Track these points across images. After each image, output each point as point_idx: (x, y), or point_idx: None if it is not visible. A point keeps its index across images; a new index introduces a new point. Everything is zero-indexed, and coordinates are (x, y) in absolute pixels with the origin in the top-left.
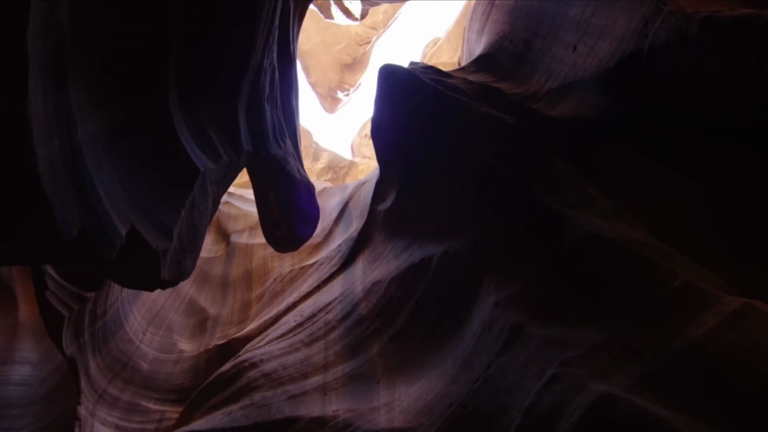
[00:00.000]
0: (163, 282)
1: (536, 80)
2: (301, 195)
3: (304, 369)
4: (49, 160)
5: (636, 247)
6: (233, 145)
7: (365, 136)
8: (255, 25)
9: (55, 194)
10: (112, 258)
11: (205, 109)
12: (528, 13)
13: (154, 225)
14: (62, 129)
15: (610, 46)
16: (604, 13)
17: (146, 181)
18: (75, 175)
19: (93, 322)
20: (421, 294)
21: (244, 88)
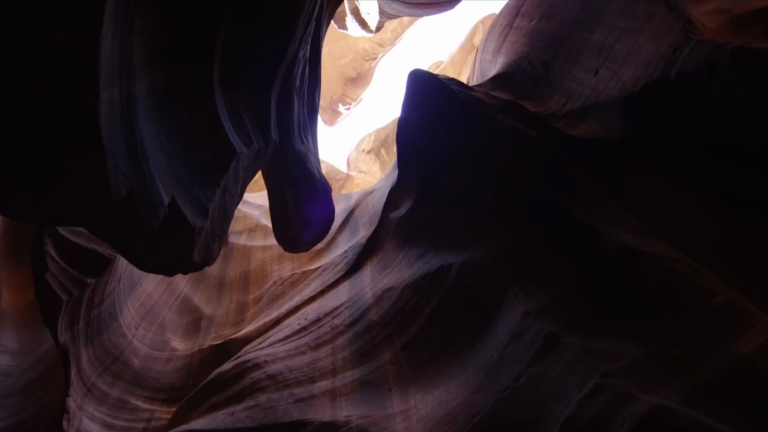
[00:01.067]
0: (193, 265)
1: (555, 101)
2: (319, 194)
3: (311, 372)
4: (108, 107)
5: (673, 263)
6: (263, 133)
7: (362, 151)
8: (299, 11)
9: (110, 146)
10: (155, 227)
11: (241, 90)
12: (548, 36)
13: (191, 201)
14: (123, 78)
15: (635, 72)
16: (629, 39)
17: (185, 153)
18: (128, 131)
19: (89, 311)
20: (438, 302)
21: (279, 75)
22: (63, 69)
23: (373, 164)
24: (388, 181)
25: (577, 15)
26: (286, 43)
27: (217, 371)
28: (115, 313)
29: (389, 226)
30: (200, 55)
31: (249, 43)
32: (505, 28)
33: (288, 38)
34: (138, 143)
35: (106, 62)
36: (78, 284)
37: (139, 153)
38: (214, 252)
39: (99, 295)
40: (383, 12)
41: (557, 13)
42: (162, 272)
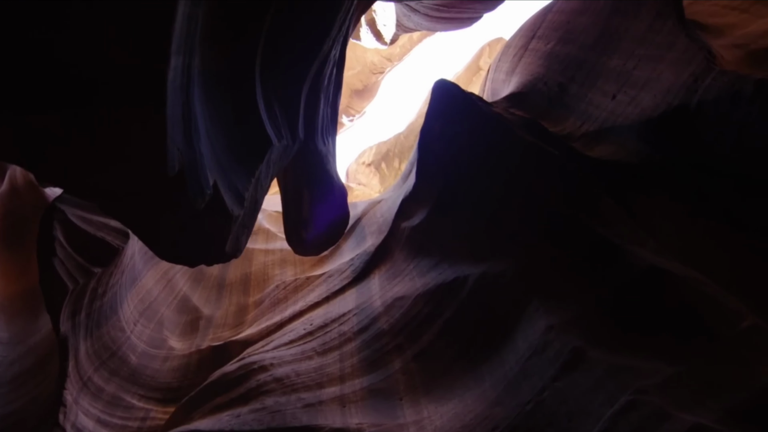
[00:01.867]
0: (223, 255)
1: (571, 122)
2: (336, 198)
3: (318, 378)
4: (174, 74)
5: (701, 285)
6: (291, 128)
7: (362, 164)
8: (338, 8)
9: (171, 117)
10: (200, 208)
11: (275, 82)
12: (564, 59)
13: (229, 187)
14: (187, 47)
15: (655, 98)
16: (649, 66)
17: (225, 138)
18: (185, 104)
19: (92, 302)
20: (453, 313)
21: (311, 72)
22: (140, 24)
23: (373, 177)
24: (396, 192)
25: (595, 41)
26: (322, 39)
27: (221, 372)
28: (115, 306)
29: (400, 235)
30: (247, 39)
31: (289, 35)
32: (520, 49)
33: (325, 35)
34: (193, 119)
35: (179, 26)
36: (84, 272)
37: (192, 129)
38: (242, 244)
39: (103, 286)
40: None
41: (575, 38)
42: (186, 262)
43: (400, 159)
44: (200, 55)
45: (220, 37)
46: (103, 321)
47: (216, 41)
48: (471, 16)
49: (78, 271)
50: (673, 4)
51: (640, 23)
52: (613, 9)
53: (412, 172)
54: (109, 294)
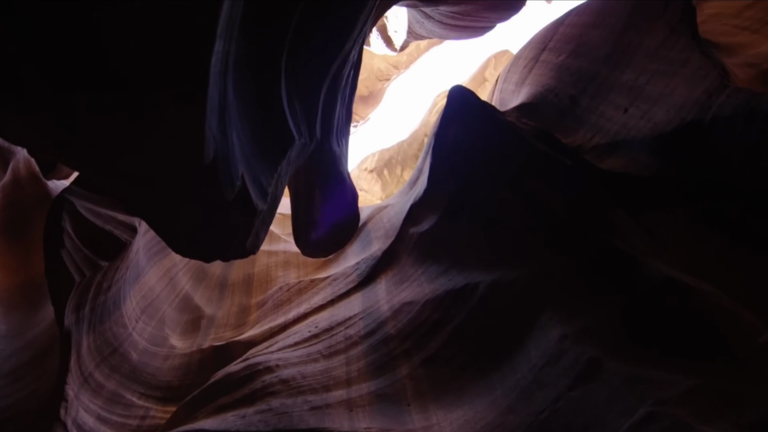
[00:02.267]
0: (243, 251)
1: (582, 134)
2: (348, 200)
3: (325, 381)
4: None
5: (717, 298)
6: (309, 127)
7: (365, 170)
8: (362, 8)
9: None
10: (230, 198)
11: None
12: (576, 72)
13: (253, 181)
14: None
15: (668, 113)
16: (661, 82)
17: (251, 130)
18: (222, 91)
19: (97, 296)
20: (462, 320)
21: (332, 71)
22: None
23: (375, 184)
24: (403, 198)
25: (607, 55)
26: (345, 37)
27: (225, 372)
28: (119, 302)
29: (408, 240)
30: (277, 28)
31: (316, 29)
32: (531, 60)
33: (348, 33)
34: (228, 107)
35: (226, 9)
36: (92, 265)
37: (226, 118)
38: (260, 241)
39: (108, 281)
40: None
41: (587, 52)
42: (203, 256)
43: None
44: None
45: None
46: (107, 316)
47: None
48: (484, 25)
49: (85, 264)
50: (687, 21)
51: (653, 39)
52: (626, 25)
53: (420, 178)
54: (113, 289)
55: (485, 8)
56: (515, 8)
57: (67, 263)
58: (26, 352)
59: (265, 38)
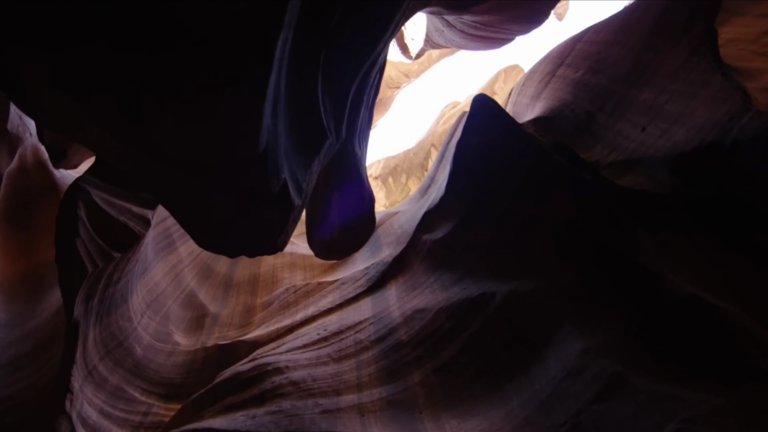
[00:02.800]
0: (273, 247)
1: (598, 150)
2: (365, 203)
3: (335, 384)
4: (279, 47)
5: (742, 318)
6: (337, 126)
7: (370, 176)
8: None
9: (270, 89)
10: (275, 191)
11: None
12: (593, 88)
13: (291, 175)
14: (291, 20)
15: (687, 133)
16: (681, 102)
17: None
18: (277, 79)
19: (106, 287)
20: (477, 329)
21: (362, 71)
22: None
23: (379, 191)
24: (415, 205)
25: (626, 73)
26: (379, 38)
27: (234, 371)
28: (126, 295)
29: (421, 247)
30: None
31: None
32: (547, 75)
33: (382, 35)
34: (279, 97)
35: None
36: (105, 256)
37: (278, 108)
38: (288, 238)
39: (118, 273)
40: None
41: (605, 69)
42: (228, 251)
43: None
44: (293, 31)
45: (305, 16)
46: (114, 309)
47: (301, 20)
48: (505, 37)
49: (98, 254)
50: (708, 43)
51: (673, 60)
52: (646, 44)
53: (432, 186)
54: (122, 281)
55: (508, 20)
56: (538, 21)
57: (82, 252)
58: (26, 343)
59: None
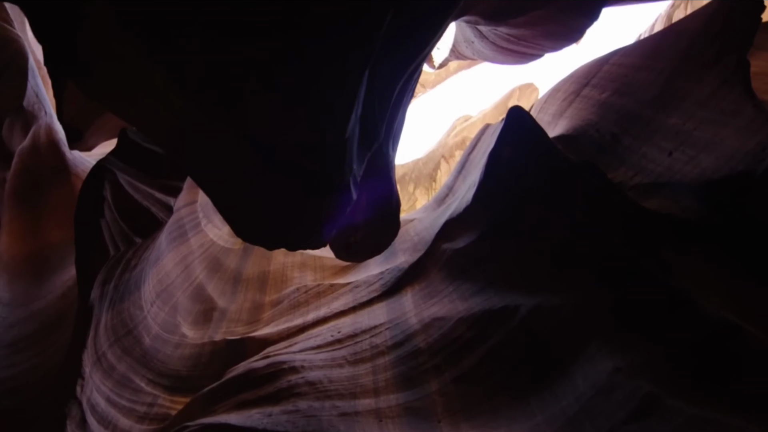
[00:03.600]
0: (320, 239)
1: (622, 172)
2: (392, 206)
3: (352, 388)
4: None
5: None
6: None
7: None
8: (450, 10)
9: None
10: (345, 180)
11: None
12: (619, 110)
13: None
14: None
15: (716, 161)
16: (710, 129)
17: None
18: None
19: (123, 273)
20: (499, 341)
21: (409, 71)
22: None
23: None
24: (431, 213)
25: (654, 98)
26: (429, 39)
27: (247, 367)
28: (140, 282)
29: (440, 256)
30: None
31: (405, 24)
32: (571, 94)
33: (432, 35)
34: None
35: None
36: (126, 240)
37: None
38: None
39: (136, 259)
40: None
41: (632, 92)
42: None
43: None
44: None
45: None
46: (127, 295)
47: None
48: (535, 52)
49: (120, 238)
50: (740, 74)
51: (703, 88)
52: (675, 70)
53: (450, 195)
54: (138, 268)
55: (543, 35)
56: (571, 39)
57: (105, 235)
58: (30, 324)
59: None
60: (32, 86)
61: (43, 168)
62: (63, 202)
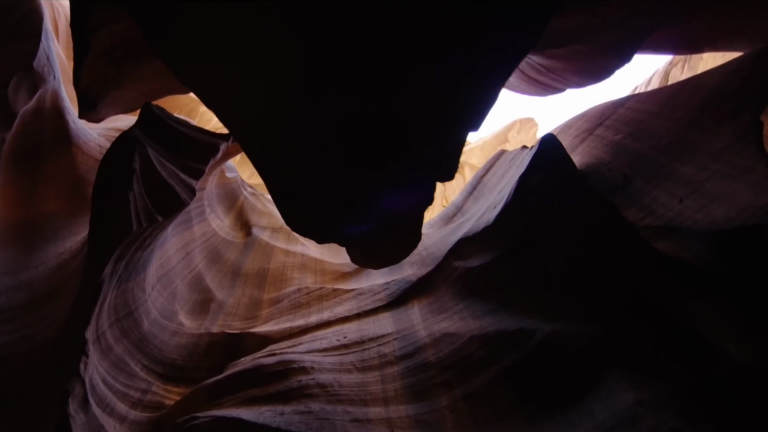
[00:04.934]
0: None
1: (633, 213)
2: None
3: (362, 394)
4: None
5: None
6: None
7: None
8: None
9: None
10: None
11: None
12: (632, 153)
13: None
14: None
15: (727, 212)
16: (722, 182)
17: None
18: None
19: (136, 251)
20: (513, 363)
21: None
22: None
23: None
24: (439, 230)
25: (668, 145)
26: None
27: (256, 363)
28: (146, 263)
29: (450, 272)
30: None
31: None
32: (584, 132)
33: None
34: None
35: None
36: (149, 218)
37: None
38: None
39: (151, 238)
40: None
41: (646, 137)
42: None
43: None
44: None
45: None
46: (134, 275)
47: None
48: (559, 86)
49: (144, 214)
50: (755, 133)
51: (718, 141)
52: (691, 121)
53: (458, 214)
54: (149, 248)
55: (574, 70)
56: (598, 78)
57: (132, 209)
58: (19, 293)
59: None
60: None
61: (44, 133)
62: (61, 171)
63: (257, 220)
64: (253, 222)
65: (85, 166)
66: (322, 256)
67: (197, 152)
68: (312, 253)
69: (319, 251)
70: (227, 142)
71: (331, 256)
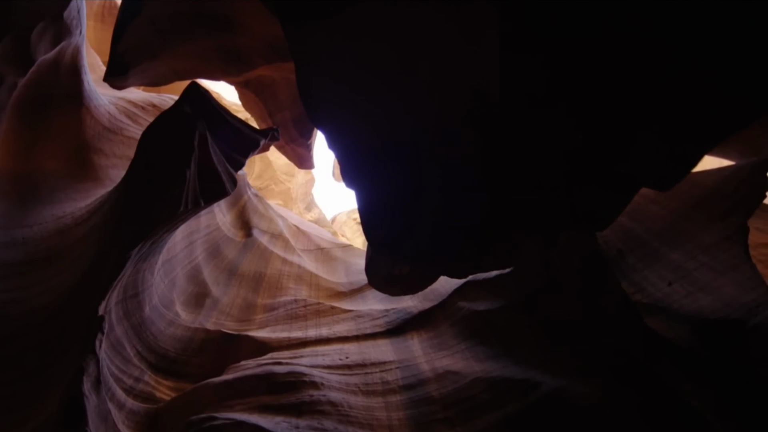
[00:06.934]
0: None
1: (624, 286)
2: None
3: (369, 419)
4: None
5: None
6: None
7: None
8: None
9: None
10: None
11: None
12: (628, 231)
13: None
14: None
15: (713, 303)
16: (709, 275)
17: None
18: None
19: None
20: (516, 411)
21: None
22: None
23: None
24: None
25: (661, 230)
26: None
27: (267, 370)
28: (161, 247)
29: (454, 312)
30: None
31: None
32: None
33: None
34: None
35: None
36: (195, 202)
37: None
38: None
39: (180, 222)
40: None
41: (642, 220)
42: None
43: None
44: None
45: None
46: (150, 256)
47: None
48: None
49: (192, 196)
50: (741, 235)
51: (708, 236)
52: (685, 213)
53: None
54: (170, 232)
55: None
56: None
57: (187, 188)
58: (11, 251)
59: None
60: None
61: (56, 88)
62: (67, 131)
63: (258, 222)
64: (253, 223)
65: (92, 130)
66: (317, 271)
67: (240, 144)
68: (308, 266)
69: (315, 266)
70: (265, 140)
71: (326, 273)
